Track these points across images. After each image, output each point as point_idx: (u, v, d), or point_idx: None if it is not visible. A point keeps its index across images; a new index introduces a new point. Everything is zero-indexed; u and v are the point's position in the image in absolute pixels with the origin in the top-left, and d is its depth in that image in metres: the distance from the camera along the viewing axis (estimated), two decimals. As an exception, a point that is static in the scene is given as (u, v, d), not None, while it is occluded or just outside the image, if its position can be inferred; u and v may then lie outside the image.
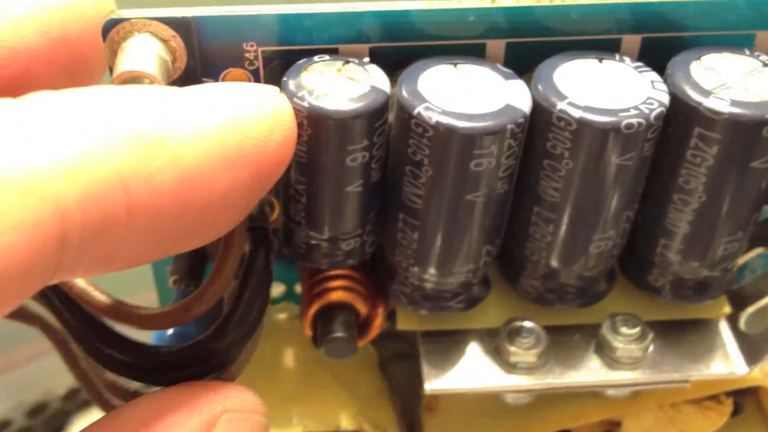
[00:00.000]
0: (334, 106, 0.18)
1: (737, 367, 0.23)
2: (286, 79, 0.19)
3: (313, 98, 0.18)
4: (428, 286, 0.22)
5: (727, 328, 0.23)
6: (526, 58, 0.20)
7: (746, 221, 0.21)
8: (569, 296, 0.22)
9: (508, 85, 0.19)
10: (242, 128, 0.16)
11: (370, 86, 0.19)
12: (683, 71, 0.20)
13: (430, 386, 0.22)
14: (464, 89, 0.19)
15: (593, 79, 0.20)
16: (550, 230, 0.21)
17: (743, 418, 0.25)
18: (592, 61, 0.20)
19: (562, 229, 0.21)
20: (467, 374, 0.22)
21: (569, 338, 0.23)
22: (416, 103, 0.19)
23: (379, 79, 0.19)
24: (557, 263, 0.21)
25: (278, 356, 0.26)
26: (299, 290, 0.26)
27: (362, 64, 0.19)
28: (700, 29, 0.21)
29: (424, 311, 0.22)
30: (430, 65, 0.20)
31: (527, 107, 0.19)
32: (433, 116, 0.18)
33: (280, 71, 0.20)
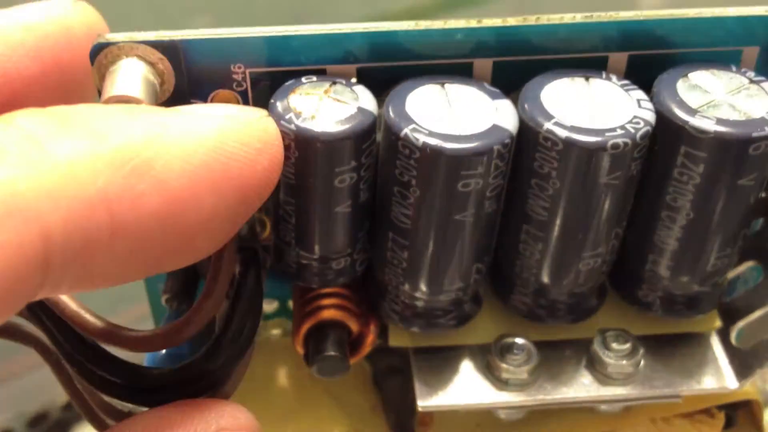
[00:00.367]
0: (321, 128, 0.18)
1: (728, 381, 0.23)
2: (273, 101, 0.19)
3: (300, 121, 0.18)
4: (419, 304, 0.22)
5: (718, 342, 0.23)
6: (513, 76, 0.20)
7: (735, 237, 0.21)
8: (560, 312, 0.22)
9: (495, 104, 0.19)
10: (229, 151, 0.16)
11: (357, 108, 0.19)
12: (669, 89, 0.20)
13: (422, 404, 0.22)
14: (451, 109, 0.19)
15: (580, 98, 0.20)
16: (539, 248, 0.21)
17: (735, 431, 0.25)
18: (578, 79, 0.20)
19: (551, 247, 0.21)
20: (459, 391, 0.22)
21: (560, 354, 0.23)
22: (403, 124, 0.19)
23: (366, 100, 0.19)
24: (547, 280, 0.21)
25: (271, 373, 0.26)
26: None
27: (349, 84, 0.19)
28: (686, 46, 0.21)
29: (415, 329, 0.22)
30: (417, 85, 0.20)
31: (514, 127, 0.19)
32: (420, 138, 0.18)
33: (268, 92, 0.20)
